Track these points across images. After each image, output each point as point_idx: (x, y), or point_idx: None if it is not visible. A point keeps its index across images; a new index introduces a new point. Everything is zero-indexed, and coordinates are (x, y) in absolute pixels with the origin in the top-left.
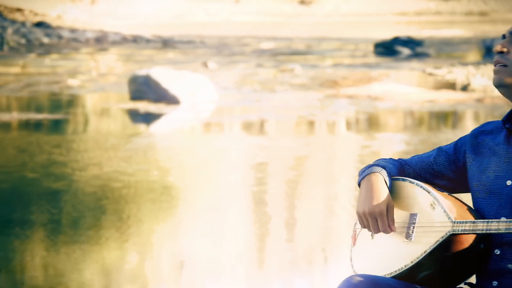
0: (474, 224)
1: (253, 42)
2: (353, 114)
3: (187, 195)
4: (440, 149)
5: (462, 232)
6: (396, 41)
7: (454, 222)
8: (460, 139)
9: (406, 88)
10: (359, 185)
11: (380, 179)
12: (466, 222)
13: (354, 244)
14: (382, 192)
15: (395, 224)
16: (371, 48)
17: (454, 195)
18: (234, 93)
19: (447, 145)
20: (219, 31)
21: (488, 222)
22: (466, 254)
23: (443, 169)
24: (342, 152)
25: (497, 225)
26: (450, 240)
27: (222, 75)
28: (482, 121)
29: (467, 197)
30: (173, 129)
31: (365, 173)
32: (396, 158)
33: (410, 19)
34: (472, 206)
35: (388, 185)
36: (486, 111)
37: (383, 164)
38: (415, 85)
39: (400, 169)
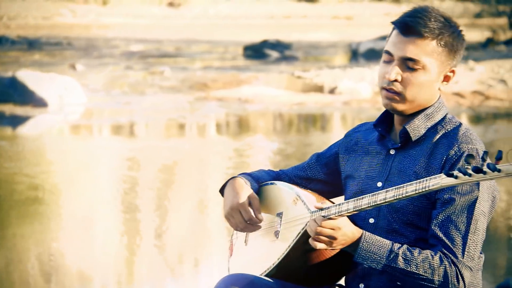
0: (328, 210)
1: (122, 44)
2: (223, 117)
3: (56, 199)
4: (314, 155)
5: None
6: (265, 44)
7: (312, 212)
8: (334, 143)
9: (275, 90)
10: (222, 194)
11: (240, 180)
12: (321, 209)
13: (231, 255)
14: (241, 189)
15: (265, 226)
16: (240, 51)
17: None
18: (103, 95)
19: (323, 150)
20: (87, 33)
21: (339, 204)
22: (330, 252)
23: (316, 173)
24: (212, 155)
25: (347, 206)
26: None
27: (90, 77)
28: (349, 123)
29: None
30: (41, 132)
31: (226, 182)
32: (268, 161)
33: (279, 22)
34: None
35: (250, 185)
36: (353, 113)
37: (250, 173)
38: (284, 88)
39: (275, 178)
